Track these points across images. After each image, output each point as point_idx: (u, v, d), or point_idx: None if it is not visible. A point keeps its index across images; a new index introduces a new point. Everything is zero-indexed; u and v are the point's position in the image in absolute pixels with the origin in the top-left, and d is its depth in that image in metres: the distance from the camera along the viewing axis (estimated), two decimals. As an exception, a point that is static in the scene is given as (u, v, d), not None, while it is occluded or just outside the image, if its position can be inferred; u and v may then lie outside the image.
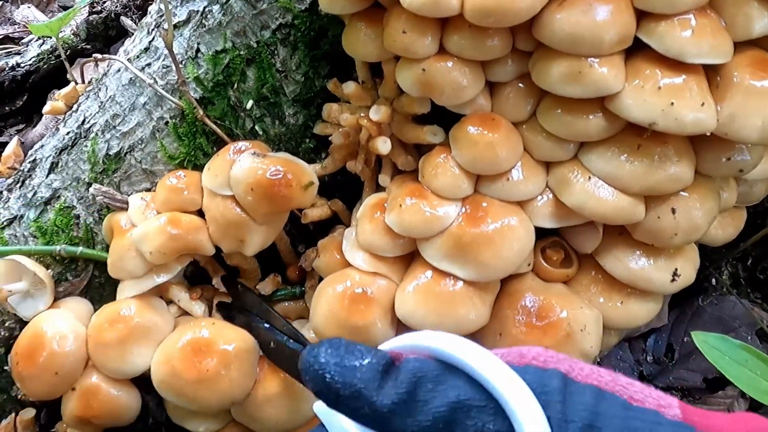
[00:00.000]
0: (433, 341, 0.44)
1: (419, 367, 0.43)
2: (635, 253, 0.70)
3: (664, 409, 0.42)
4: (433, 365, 0.43)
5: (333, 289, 0.71)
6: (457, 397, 0.41)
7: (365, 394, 0.42)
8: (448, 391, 0.42)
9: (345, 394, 0.42)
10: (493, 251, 0.66)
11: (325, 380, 0.43)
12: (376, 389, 0.42)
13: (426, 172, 0.71)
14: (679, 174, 0.65)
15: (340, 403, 0.43)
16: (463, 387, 0.42)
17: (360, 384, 0.42)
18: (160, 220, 0.74)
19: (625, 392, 0.42)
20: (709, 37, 0.60)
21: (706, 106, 0.61)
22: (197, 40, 0.78)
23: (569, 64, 0.62)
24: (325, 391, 0.43)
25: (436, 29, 0.65)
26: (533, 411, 0.40)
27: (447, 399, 0.41)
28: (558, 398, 0.41)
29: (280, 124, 0.81)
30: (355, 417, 0.43)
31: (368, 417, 0.42)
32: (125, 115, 0.82)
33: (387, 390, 0.42)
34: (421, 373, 0.43)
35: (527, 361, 0.44)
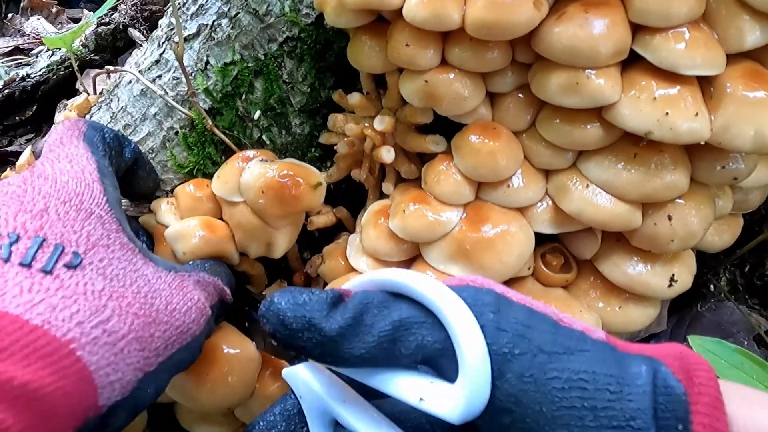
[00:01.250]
0: (379, 274, 0.47)
1: (365, 296, 0.46)
2: (633, 259, 0.72)
3: (590, 332, 0.44)
4: (380, 295, 0.46)
5: None
6: (399, 316, 0.44)
7: (315, 323, 0.44)
8: (392, 313, 0.44)
9: (296, 327, 0.44)
10: (494, 255, 0.68)
11: (278, 317, 0.45)
12: (325, 317, 0.44)
13: (429, 179, 0.73)
14: (675, 182, 0.67)
15: (292, 338, 0.45)
16: (405, 309, 0.45)
17: (309, 314, 0.44)
18: (197, 222, 0.75)
19: (555, 315, 0.45)
20: (703, 50, 0.62)
21: (700, 116, 0.63)
22: (206, 53, 0.80)
23: (567, 75, 0.64)
24: (280, 329, 0.45)
25: (438, 42, 0.67)
26: (466, 319, 0.42)
27: (390, 319, 0.44)
28: (491, 309, 0.43)
29: (287, 134, 0.83)
30: (307, 348, 0.45)
31: (319, 345, 0.44)
32: (136, 125, 0.85)
33: (335, 317, 0.44)
34: (367, 301, 0.45)
35: (465, 283, 0.46)
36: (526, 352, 0.42)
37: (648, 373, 0.41)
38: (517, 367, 0.41)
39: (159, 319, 0.53)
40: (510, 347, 0.42)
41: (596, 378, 0.40)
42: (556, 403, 0.40)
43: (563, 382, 0.40)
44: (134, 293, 0.52)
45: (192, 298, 0.58)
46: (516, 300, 0.46)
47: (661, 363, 0.41)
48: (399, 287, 0.45)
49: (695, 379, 0.40)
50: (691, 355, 0.42)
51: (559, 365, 0.41)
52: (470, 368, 0.41)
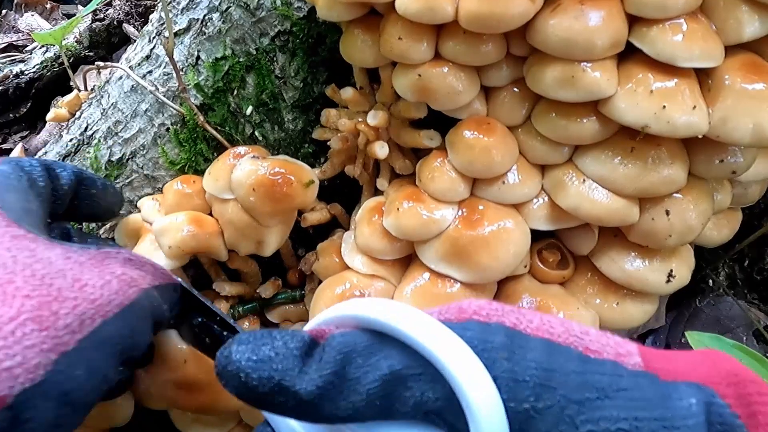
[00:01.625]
0: (358, 308, 0.38)
1: (345, 341, 0.37)
2: (630, 255, 0.71)
3: (624, 358, 0.37)
4: (362, 337, 0.38)
5: (331, 292, 0.72)
6: (390, 368, 0.36)
7: (285, 384, 0.36)
8: (380, 362, 0.37)
9: (264, 391, 0.36)
10: (489, 253, 0.67)
11: (241, 380, 0.37)
12: (298, 375, 0.36)
13: (423, 176, 0.72)
14: (673, 176, 0.66)
15: (261, 402, 0.37)
16: (396, 356, 0.37)
17: (277, 375, 0.36)
18: (185, 217, 0.74)
19: (580, 343, 0.38)
20: (700, 42, 0.61)
21: (697, 109, 0.62)
22: (197, 48, 0.79)
23: (563, 68, 0.63)
24: (244, 392, 0.37)
25: (431, 35, 0.66)
26: (475, 372, 0.35)
27: (379, 372, 0.36)
28: (504, 355, 0.36)
29: (280, 130, 0.82)
30: (283, 412, 0.38)
31: (295, 410, 0.37)
32: (127, 122, 0.84)
33: (310, 374, 0.36)
34: (348, 348, 0.37)
35: (467, 317, 0.39)
36: (552, 405, 0.34)
37: (699, 409, 0.34)
38: (542, 426, 0.34)
39: (63, 296, 0.46)
40: (532, 402, 0.35)
41: (638, 426, 0.34)
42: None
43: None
44: (26, 277, 0.46)
45: (113, 271, 0.51)
46: (531, 331, 0.38)
47: (714, 393, 0.35)
48: (386, 328, 0.37)
49: (759, 416, 0.34)
50: (747, 376, 0.36)
51: (592, 415, 0.34)
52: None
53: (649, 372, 0.37)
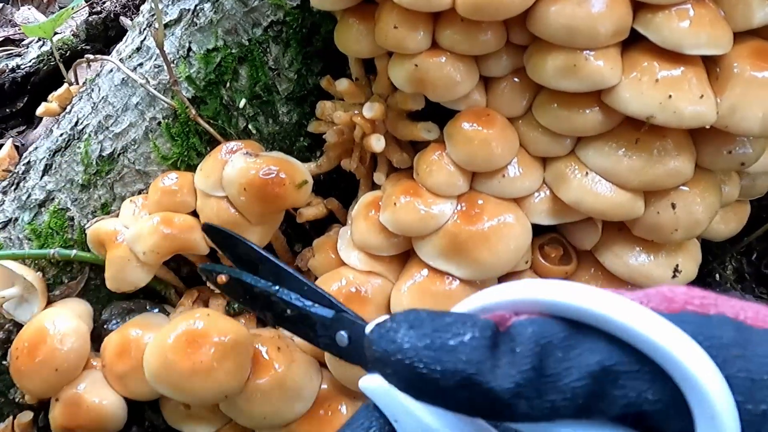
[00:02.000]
0: (549, 292, 0.33)
1: (539, 331, 0.32)
2: (635, 250, 0.69)
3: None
4: (557, 326, 0.33)
5: (328, 288, 0.70)
6: (599, 363, 0.31)
7: (477, 380, 0.31)
8: (586, 356, 0.32)
9: (449, 385, 0.31)
10: (489, 249, 0.65)
11: (417, 371, 0.31)
12: (491, 371, 0.31)
13: (420, 169, 0.70)
14: (679, 168, 0.64)
15: (441, 397, 0.32)
16: (604, 349, 0.32)
17: (469, 369, 0.31)
18: (153, 220, 0.73)
19: (743, 310, 0.34)
20: (708, 28, 0.59)
21: (705, 99, 0.60)
22: (189, 39, 0.77)
23: (564, 57, 0.61)
24: (419, 385, 0.32)
25: (428, 24, 0.64)
26: (712, 371, 0.30)
27: (587, 368, 0.31)
28: (737, 352, 0.32)
29: (274, 123, 0.80)
30: (465, 410, 0.33)
31: (483, 408, 0.32)
32: (118, 116, 0.82)
33: (504, 369, 0.31)
34: (545, 339, 0.32)
35: (680, 306, 0.34)
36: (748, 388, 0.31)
37: None
38: None
39: None
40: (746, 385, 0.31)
41: None
42: None
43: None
44: None
45: None
46: (752, 321, 0.33)
47: None
48: (589, 316, 0.32)
49: None
50: None
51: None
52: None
53: None
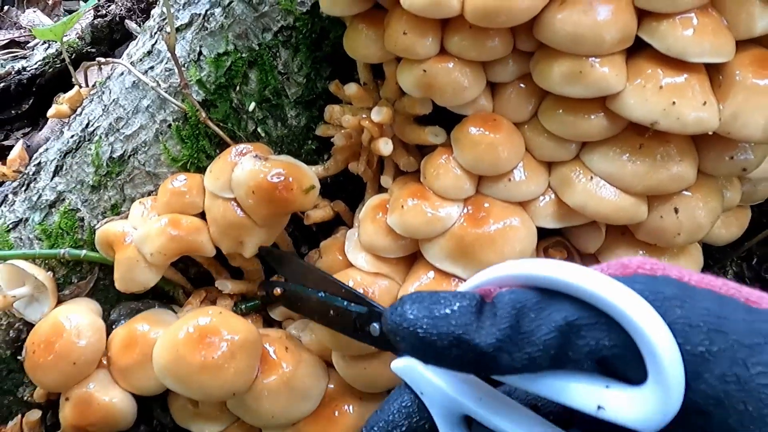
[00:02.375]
0: (523, 268, 0.40)
1: (516, 297, 0.39)
2: (638, 253, 0.70)
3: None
4: (530, 293, 0.40)
5: None
6: (564, 319, 0.38)
7: (465, 338, 0.38)
8: (554, 315, 0.38)
9: (443, 345, 0.39)
10: (495, 252, 0.66)
11: (419, 336, 0.39)
12: (476, 331, 0.38)
13: (428, 173, 0.71)
14: (682, 173, 0.65)
15: (439, 356, 0.39)
16: (568, 308, 0.38)
17: (457, 330, 0.38)
18: (161, 221, 0.74)
19: (740, 295, 0.39)
20: (711, 36, 0.60)
21: (708, 105, 0.61)
22: (199, 43, 0.78)
23: (570, 64, 0.62)
24: (421, 347, 0.39)
25: (436, 30, 0.65)
26: (653, 318, 0.36)
27: (554, 323, 0.38)
28: (677, 303, 0.38)
29: (283, 126, 0.81)
30: (458, 366, 0.40)
31: (472, 363, 0.39)
32: (128, 118, 0.83)
33: (487, 329, 0.38)
34: (520, 304, 0.39)
35: (633, 270, 0.40)
36: (725, 348, 0.37)
37: None
38: (716, 367, 0.37)
39: None
40: (706, 345, 0.37)
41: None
42: (763, 401, 0.36)
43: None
44: None
45: None
46: (696, 283, 0.40)
47: None
48: (555, 284, 0.39)
49: None
50: None
51: (762, 358, 0.36)
52: (663, 374, 0.36)
53: None
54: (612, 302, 0.37)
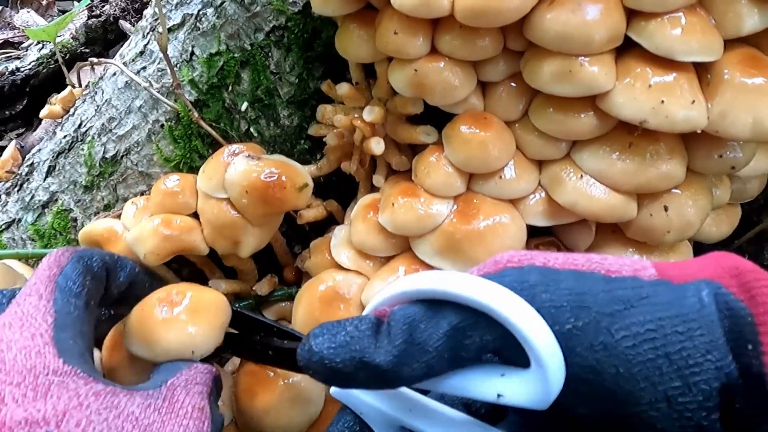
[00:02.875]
0: (408, 285, 0.44)
1: (406, 313, 0.43)
2: (628, 251, 0.70)
3: (641, 272, 0.43)
4: (419, 307, 0.43)
5: (313, 290, 0.72)
6: (449, 324, 0.42)
7: (367, 360, 0.42)
8: (441, 322, 0.42)
9: (349, 371, 0.42)
10: (484, 248, 0.67)
11: (327, 366, 0.42)
12: (375, 351, 0.42)
13: (419, 170, 0.72)
14: (671, 171, 0.65)
15: (349, 380, 0.43)
16: (451, 314, 0.42)
17: (359, 354, 0.42)
18: (154, 221, 0.74)
19: (602, 267, 0.44)
20: (699, 35, 0.61)
21: (696, 104, 0.61)
22: (192, 43, 0.79)
23: (560, 63, 0.62)
24: (332, 376, 0.43)
25: (427, 30, 0.66)
26: (522, 309, 0.40)
27: (442, 330, 0.42)
28: (541, 289, 0.42)
29: (275, 126, 0.82)
30: (368, 385, 0.44)
31: (379, 380, 0.42)
32: (121, 119, 0.83)
33: (385, 347, 0.42)
34: (410, 318, 0.43)
35: (502, 266, 0.44)
36: (589, 321, 0.41)
37: (710, 300, 0.40)
38: (584, 340, 0.41)
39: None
40: (573, 322, 0.41)
41: (662, 324, 0.40)
42: (630, 361, 0.40)
43: (632, 338, 0.40)
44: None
45: (186, 413, 0.55)
46: (560, 266, 0.44)
47: (720, 285, 0.41)
48: (437, 294, 0.43)
49: (758, 297, 0.40)
50: (746, 267, 0.41)
51: (623, 323, 0.40)
52: (541, 357, 0.40)
53: (664, 279, 0.42)
54: (483, 302, 0.40)
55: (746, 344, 0.39)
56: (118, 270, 0.68)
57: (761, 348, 0.39)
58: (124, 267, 0.69)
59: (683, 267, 0.43)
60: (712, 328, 0.40)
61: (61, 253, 0.62)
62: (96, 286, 0.63)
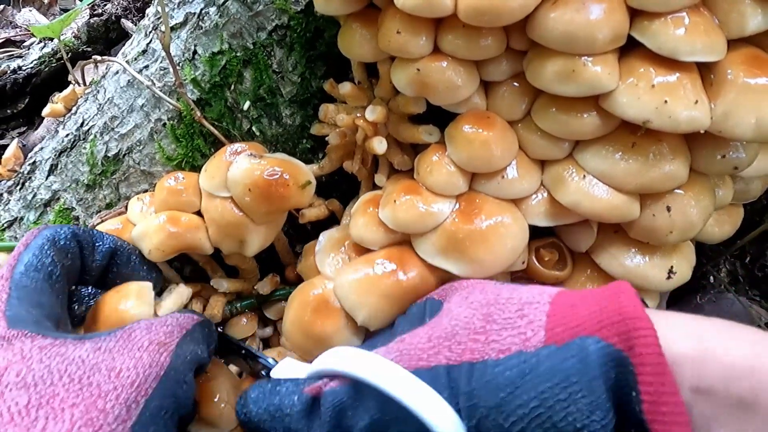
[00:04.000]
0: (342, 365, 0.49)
1: (335, 398, 0.48)
2: (631, 251, 0.70)
3: (529, 341, 0.46)
4: (348, 390, 0.48)
5: (301, 296, 0.71)
6: (371, 417, 0.47)
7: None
8: (363, 414, 0.47)
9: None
10: (486, 248, 0.66)
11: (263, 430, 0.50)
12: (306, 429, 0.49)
13: (421, 169, 0.72)
14: (674, 172, 0.65)
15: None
16: (374, 406, 0.47)
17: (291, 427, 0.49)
18: (160, 218, 0.74)
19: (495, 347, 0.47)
20: (703, 35, 0.60)
21: (699, 104, 0.61)
22: (194, 42, 0.79)
23: (563, 62, 0.62)
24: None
25: (430, 29, 0.66)
26: (435, 406, 0.44)
27: (364, 422, 0.47)
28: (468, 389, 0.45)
29: (277, 125, 0.82)
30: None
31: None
32: (123, 117, 0.83)
33: (315, 429, 0.48)
34: (339, 404, 0.48)
35: (415, 364, 0.48)
36: (481, 418, 0.44)
37: (592, 358, 0.43)
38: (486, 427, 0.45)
39: (103, 390, 0.50)
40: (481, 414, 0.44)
41: (546, 397, 0.43)
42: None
43: (521, 421, 0.43)
44: (65, 385, 0.49)
45: (141, 345, 0.54)
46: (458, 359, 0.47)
47: (599, 339, 0.43)
48: (364, 382, 0.47)
49: (637, 348, 0.42)
50: (630, 314, 0.43)
51: (511, 408, 0.44)
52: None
53: (549, 344, 0.45)
54: (399, 398, 0.45)
55: (630, 392, 0.42)
56: (94, 244, 0.69)
57: (640, 396, 0.41)
58: (102, 241, 0.69)
59: (572, 318, 0.46)
60: (594, 387, 0.42)
61: (32, 231, 0.64)
62: (65, 258, 0.63)
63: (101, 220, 0.83)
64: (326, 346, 0.67)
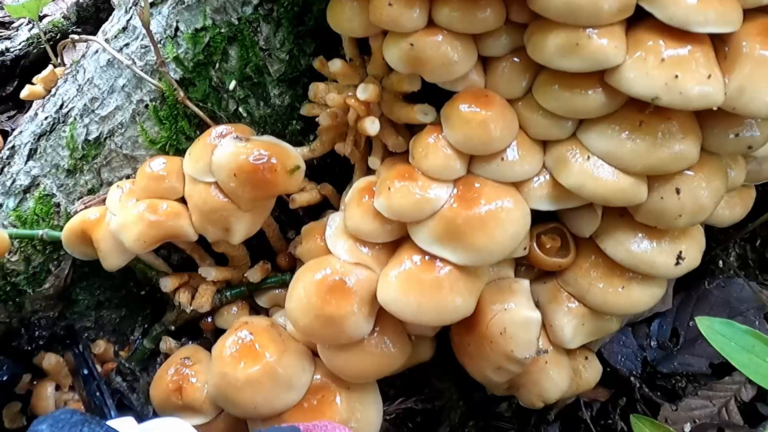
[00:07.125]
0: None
1: None
2: (637, 236, 0.67)
3: None
4: None
5: (311, 276, 0.68)
6: None
7: None
8: None
9: None
10: (486, 234, 0.63)
11: None
12: None
13: (416, 152, 0.68)
14: (684, 152, 0.62)
15: None
16: None
17: None
18: (139, 207, 0.71)
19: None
20: (716, 4, 0.56)
21: (712, 79, 0.57)
22: (176, 18, 0.74)
23: (566, 35, 0.59)
24: None
25: (424, 1, 0.62)
26: None
27: None
28: None
29: (265, 106, 0.78)
30: None
31: None
32: (104, 99, 0.79)
33: None
34: None
35: None
36: None
37: None
38: None
39: None
40: None
41: None
42: None
43: None
44: None
45: None
46: None
47: None
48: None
49: None
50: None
51: None
52: None
53: None
54: None
55: None
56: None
57: None
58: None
59: None
60: None
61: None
62: None
63: (84, 206, 0.79)
64: (338, 327, 0.64)
